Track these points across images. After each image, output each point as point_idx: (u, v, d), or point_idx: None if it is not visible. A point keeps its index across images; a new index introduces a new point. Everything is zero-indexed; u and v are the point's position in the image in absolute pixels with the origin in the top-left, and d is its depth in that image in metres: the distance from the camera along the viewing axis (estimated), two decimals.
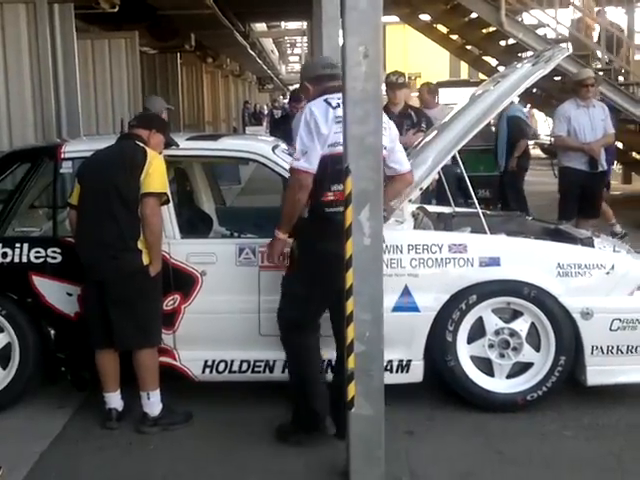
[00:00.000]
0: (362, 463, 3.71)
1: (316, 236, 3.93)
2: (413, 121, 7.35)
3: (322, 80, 4.08)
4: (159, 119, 4.81)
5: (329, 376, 4.32)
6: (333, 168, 3.82)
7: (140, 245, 4.20)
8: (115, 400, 4.42)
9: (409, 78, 23.97)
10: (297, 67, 43.97)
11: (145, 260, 4.21)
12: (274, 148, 4.73)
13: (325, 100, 3.94)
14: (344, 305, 3.58)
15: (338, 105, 3.80)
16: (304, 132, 3.87)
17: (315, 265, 3.96)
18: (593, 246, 4.71)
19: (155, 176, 4.18)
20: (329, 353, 4.26)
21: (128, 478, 3.88)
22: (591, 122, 7.68)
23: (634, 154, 11.96)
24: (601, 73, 10.09)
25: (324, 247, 3.85)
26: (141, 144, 4.30)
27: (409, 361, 4.49)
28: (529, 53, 9.77)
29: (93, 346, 4.41)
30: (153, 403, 4.32)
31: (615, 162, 13.60)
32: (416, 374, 4.51)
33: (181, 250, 4.52)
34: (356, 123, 3.48)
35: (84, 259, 4.30)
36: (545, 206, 9.39)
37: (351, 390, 3.65)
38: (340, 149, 3.65)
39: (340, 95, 3.62)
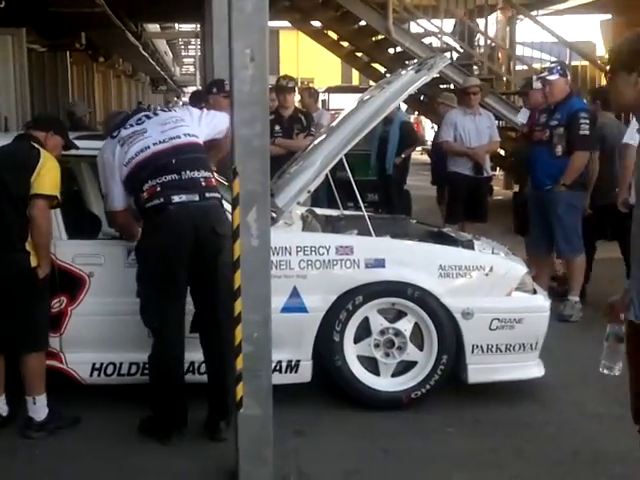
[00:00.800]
0: (251, 463, 3.73)
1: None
2: (303, 125, 7.45)
3: None
4: (57, 121, 4.72)
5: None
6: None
7: (28, 247, 4.10)
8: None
9: (302, 83, 24.12)
10: (192, 69, 43.57)
11: (33, 262, 4.11)
12: None
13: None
14: (231, 305, 3.60)
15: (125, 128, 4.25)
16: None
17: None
18: (473, 248, 4.87)
19: (47, 178, 4.09)
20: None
21: None
22: (477, 129, 7.94)
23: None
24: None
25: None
26: (36, 145, 4.20)
27: (298, 361, 4.54)
28: (415, 61, 10.01)
29: None
30: (39, 408, 4.21)
31: (498, 168, 14.13)
32: (305, 374, 4.56)
33: (68, 251, 4.44)
34: (243, 125, 3.52)
35: None
36: (425, 210, 9.67)
37: (239, 390, 3.67)
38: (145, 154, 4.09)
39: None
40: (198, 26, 21.52)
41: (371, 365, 4.62)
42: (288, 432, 4.25)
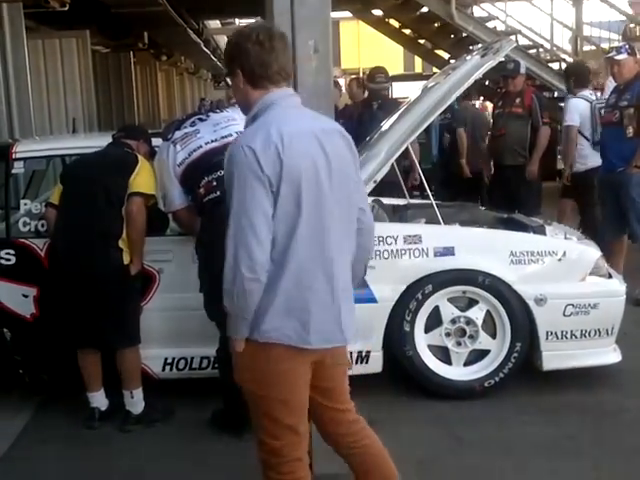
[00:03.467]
0: (324, 453, 3.74)
1: None
2: None
3: None
4: (145, 131, 4.88)
5: None
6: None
7: (121, 244, 4.24)
8: (98, 399, 4.42)
9: (363, 73, 24.05)
10: None
11: (126, 259, 4.25)
12: None
13: None
14: None
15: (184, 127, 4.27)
16: None
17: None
18: (545, 234, 4.79)
19: (145, 179, 4.30)
20: None
21: (89, 477, 3.86)
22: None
23: None
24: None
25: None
26: (131, 151, 4.44)
27: (368, 352, 4.52)
28: (479, 46, 9.88)
29: (75, 346, 4.38)
30: (136, 401, 4.34)
31: None
32: (376, 365, 4.55)
33: None
34: None
35: (67, 257, 4.27)
36: None
37: None
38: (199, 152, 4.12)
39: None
40: (258, 20, 21.61)
41: (443, 354, 4.59)
42: None
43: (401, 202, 5.69)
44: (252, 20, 26.12)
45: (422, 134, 9.18)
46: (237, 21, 29.91)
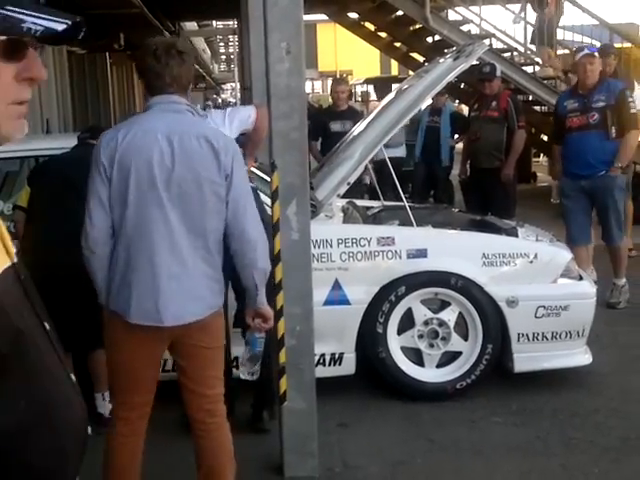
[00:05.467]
0: (295, 456, 3.75)
1: None
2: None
3: None
4: None
5: None
6: None
7: None
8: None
9: (340, 75, 24.05)
10: (230, 66, 43.68)
11: None
12: None
13: None
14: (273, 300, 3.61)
15: None
16: None
17: None
18: (517, 236, 4.82)
19: None
20: None
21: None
22: None
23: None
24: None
25: None
26: None
27: (341, 354, 4.53)
28: (453, 49, 9.92)
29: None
30: (108, 404, 4.26)
31: (541, 154, 13.93)
32: (348, 366, 4.55)
33: None
34: (281, 119, 3.52)
35: (43, 259, 4.20)
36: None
37: (283, 384, 3.68)
38: None
39: None
40: (235, 22, 21.60)
41: (415, 356, 4.60)
42: (332, 424, 4.26)
43: (375, 204, 5.71)
44: (229, 22, 26.12)
45: (412, 134, 9.30)
46: (214, 23, 29.89)
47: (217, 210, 2.88)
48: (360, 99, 16.96)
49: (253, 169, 4.54)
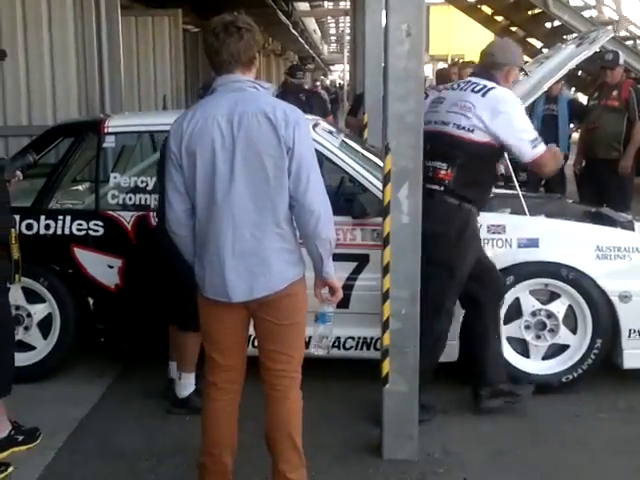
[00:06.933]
0: (395, 438, 3.76)
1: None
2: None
3: None
4: None
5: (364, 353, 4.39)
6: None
7: None
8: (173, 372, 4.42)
9: (452, 59, 23.73)
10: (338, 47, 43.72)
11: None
12: (314, 126, 4.72)
13: None
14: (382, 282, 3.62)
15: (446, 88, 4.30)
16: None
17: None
18: (633, 229, 4.67)
19: None
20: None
21: (164, 445, 3.95)
22: None
23: None
24: None
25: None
26: None
27: None
28: (575, 35, 9.65)
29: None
30: (183, 385, 4.27)
31: None
32: (452, 353, 4.50)
33: None
34: (397, 101, 3.50)
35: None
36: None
37: (385, 367, 3.69)
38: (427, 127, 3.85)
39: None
40: (348, 3, 21.58)
41: (521, 347, 4.52)
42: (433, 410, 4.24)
43: None
44: (343, 3, 26.14)
45: None
46: (325, 4, 29.97)
47: (282, 184, 2.92)
48: None
49: None
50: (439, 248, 3.96)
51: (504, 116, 3.91)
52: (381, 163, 3.70)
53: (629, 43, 10.61)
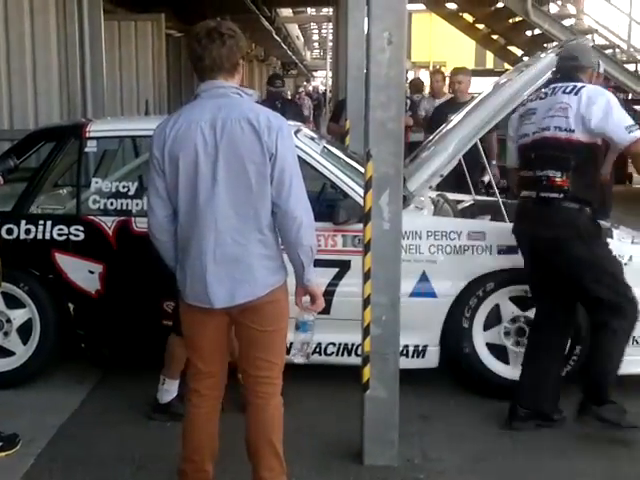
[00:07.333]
0: (376, 444, 3.77)
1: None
2: None
3: None
4: None
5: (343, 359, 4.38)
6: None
7: None
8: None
9: (434, 67, 23.81)
10: (321, 53, 43.80)
11: None
12: (296, 133, 4.74)
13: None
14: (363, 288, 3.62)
15: (530, 100, 4.27)
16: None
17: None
18: (612, 237, 4.70)
19: None
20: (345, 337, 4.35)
21: (144, 451, 3.94)
22: None
23: None
24: None
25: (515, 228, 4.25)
26: None
27: (425, 346, 4.52)
28: (555, 44, 9.73)
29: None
30: (164, 390, 4.25)
31: None
32: (432, 359, 4.54)
33: None
34: (378, 108, 3.52)
35: None
36: None
37: (366, 373, 3.70)
38: (525, 140, 4.15)
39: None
40: (331, 10, 21.64)
41: (500, 353, 4.55)
42: (413, 416, 4.26)
43: (467, 198, 5.66)
44: (326, 10, 26.19)
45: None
46: (308, 10, 30.03)
47: (265, 190, 2.94)
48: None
49: None
50: (579, 251, 3.96)
51: (601, 108, 3.91)
52: (363, 169, 3.73)
53: (608, 52, 10.69)
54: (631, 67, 10.80)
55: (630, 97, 10.63)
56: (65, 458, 3.90)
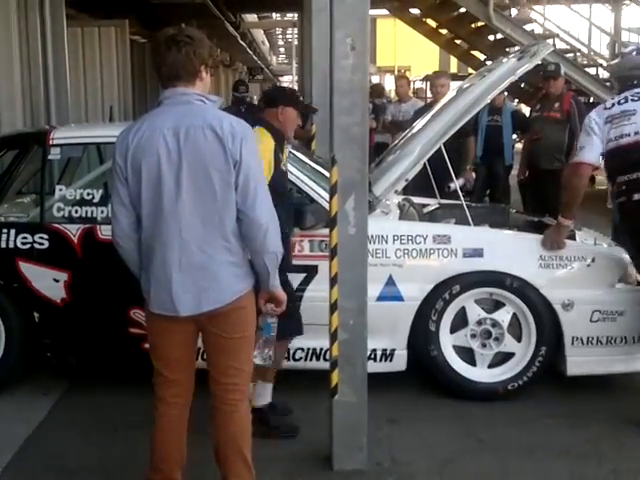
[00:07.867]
0: (345, 449, 3.78)
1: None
2: None
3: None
4: None
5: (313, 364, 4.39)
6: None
7: None
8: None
9: (399, 71, 23.92)
10: (288, 58, 43.81)
11: None
12: None
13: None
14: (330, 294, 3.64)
15: (613, 105, 4.33)
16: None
17: None
18: (575, 239, 4.77)
19: None
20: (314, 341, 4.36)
21: (113, 461, 3.91)
22: None
23: None
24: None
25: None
26: None
27: (393, 350, 4.54)
28: (517, 48, 9.83)
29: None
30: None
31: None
32: (400, 363, 4.56)
33: None
34: (342, 113, 3.54)
35: None
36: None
37: (334, 377, 3.71)
38: (623, 141, 4.21)
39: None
40: (296, 15, 21.66)
41: (467, 355, 4.59)
42: (382, 420, 4.27)
43: (432, 202, 5.69)
44: (291, 15, 26.21)
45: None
46: (274, 15, 30.00)
47: (229, 197, 2.93)
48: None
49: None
50: None
51: None
52: (328, 174, 3.74)
53: (569, 56, 10.83)
54: (592, 71, 10.95)
55: (591, 100, 10.77)
56: (33, 469, 3.86)
